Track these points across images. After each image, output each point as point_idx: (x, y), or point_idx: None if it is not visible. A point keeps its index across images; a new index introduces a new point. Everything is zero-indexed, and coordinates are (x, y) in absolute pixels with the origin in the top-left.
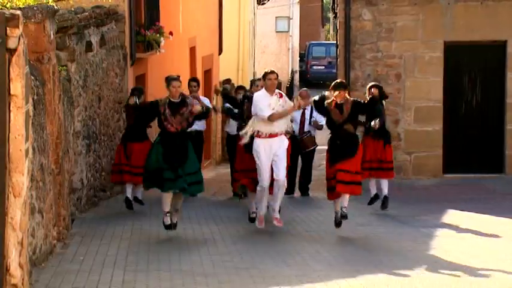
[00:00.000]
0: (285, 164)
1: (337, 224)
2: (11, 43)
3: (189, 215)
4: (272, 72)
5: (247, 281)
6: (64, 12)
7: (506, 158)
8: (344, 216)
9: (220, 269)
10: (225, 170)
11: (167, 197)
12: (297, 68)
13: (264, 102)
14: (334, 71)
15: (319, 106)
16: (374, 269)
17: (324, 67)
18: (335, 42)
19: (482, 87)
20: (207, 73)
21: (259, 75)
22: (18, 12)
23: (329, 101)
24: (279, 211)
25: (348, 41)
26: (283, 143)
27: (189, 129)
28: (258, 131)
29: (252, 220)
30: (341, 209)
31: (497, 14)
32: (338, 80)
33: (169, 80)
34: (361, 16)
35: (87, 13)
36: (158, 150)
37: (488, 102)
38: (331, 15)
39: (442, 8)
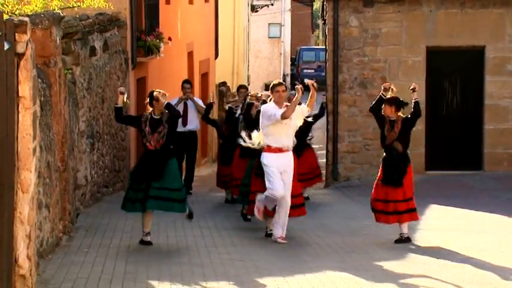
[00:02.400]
0: (291, 183)
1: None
2: (20, 48)
3: (186, 210)
4: (279, 84)
5: (242, 271)
6: (69, 19)
7: (484, 155)
8: (407, 239)
9: (216, 260)
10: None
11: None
12: (288, 71)
13: (272, 111)
14: (323, 74)
15: (377, 112)
16: (361, 260)
17: (313, 71)
18: (324, 47)
19: (462, 90)
20: (204, 76)
21: (253, 78)
22: (26, 19)
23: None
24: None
25: (336, 46)
26: (292, 161)
27: (182, 130)
28: (268, 145)
29: (269, 236)
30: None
31: (476, 21)
32: (392, 96)
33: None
34: (348, 23)
35: (91, 20)
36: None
37: (468, 103)
38: (320, 22)
39: (425, 15)
